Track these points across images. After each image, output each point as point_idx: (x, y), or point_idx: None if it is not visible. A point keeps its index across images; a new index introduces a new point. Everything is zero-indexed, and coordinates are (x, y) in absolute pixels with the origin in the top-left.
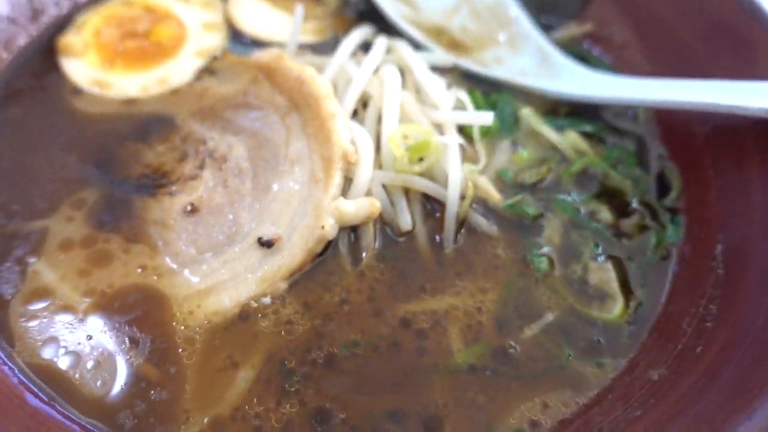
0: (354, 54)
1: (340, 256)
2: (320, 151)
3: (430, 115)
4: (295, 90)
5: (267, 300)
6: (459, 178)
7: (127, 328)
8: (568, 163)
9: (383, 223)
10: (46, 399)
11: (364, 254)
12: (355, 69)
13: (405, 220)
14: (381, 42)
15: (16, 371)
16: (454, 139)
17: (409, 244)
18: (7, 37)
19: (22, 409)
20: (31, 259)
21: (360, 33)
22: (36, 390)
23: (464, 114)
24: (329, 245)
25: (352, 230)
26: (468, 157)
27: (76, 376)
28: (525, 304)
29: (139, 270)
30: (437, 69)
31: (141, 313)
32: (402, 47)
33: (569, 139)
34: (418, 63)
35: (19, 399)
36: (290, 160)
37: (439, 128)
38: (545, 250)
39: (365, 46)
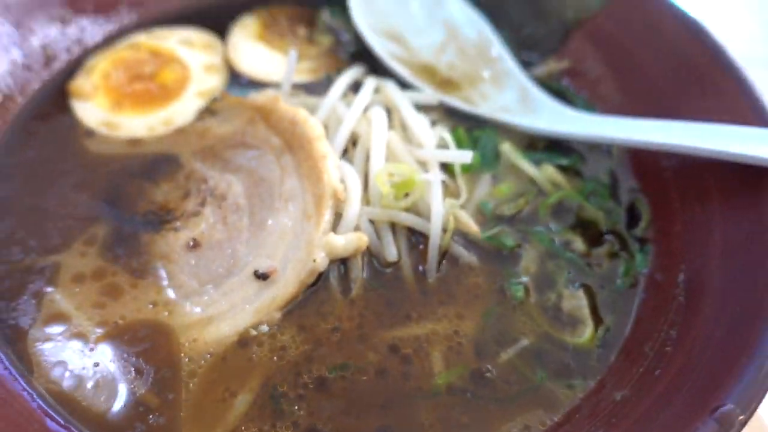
0: (345, 94)
1: (331, 286)
2: (312, 189)
3: (415, 153)
4: (289, 131)
5: (264, 328)
6: (441, 212)
7: (134, 359)
8: (545, 196)
9: (371, 255)
10: (62, 422)
11: (353, 285)
12: (345, 110)
13: (391, 252)
14: (370, 83)
15: (35, 396)
16: (437, 176)
17: (395, 274)
18: (22, 83)
19: None
20: (49, 289)
21: (350, 74)
22: (53, 414)
23: (446, 152)
24: (320, 277)
25: (341, 262)
26: (450, 192)
27: (86, 400)
28: (502, 329)
29: (151, 306)
30: (423, 107)
31: (149, 345)
32: (389, 87)
33: (546, 173)
34: (404, 103)
35: (38, 423)
36: (284, 198)
37: (423, 165)
38: (522, 279)
39: (356, 85)
